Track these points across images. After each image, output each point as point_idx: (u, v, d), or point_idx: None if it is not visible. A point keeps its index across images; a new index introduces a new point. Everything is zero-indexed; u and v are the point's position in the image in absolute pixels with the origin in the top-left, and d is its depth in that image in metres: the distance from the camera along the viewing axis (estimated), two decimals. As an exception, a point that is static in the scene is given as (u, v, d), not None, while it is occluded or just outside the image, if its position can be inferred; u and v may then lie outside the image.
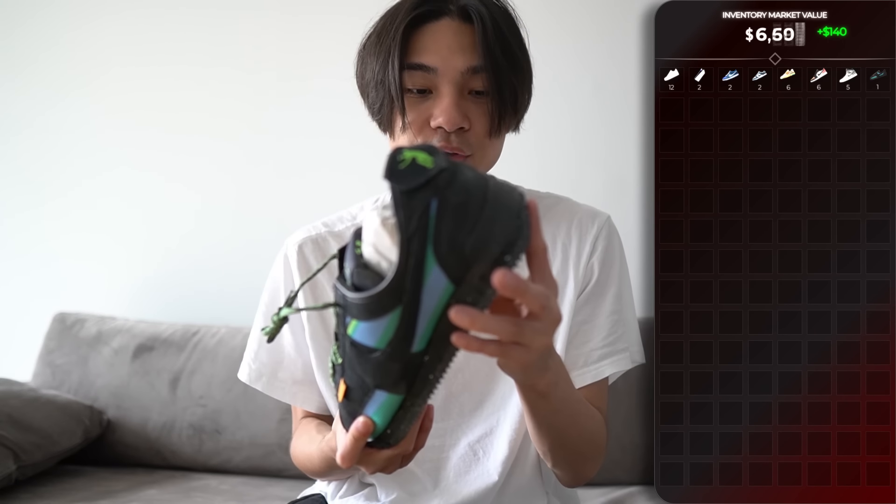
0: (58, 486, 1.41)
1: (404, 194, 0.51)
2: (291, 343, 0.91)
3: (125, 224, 1.88)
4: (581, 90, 1.68)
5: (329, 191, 1.76)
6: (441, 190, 0.51)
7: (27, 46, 1.92)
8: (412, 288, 0.52)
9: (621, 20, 1.55)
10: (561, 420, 0.75)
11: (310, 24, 1.80)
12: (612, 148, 1.68)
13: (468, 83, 0.79)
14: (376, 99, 0.81)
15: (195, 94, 1.85)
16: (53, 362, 1.67)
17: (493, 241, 0.51)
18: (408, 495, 0.88)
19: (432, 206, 0.50)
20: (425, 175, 0.50)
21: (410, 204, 0.51)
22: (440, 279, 0.51)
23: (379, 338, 0.54)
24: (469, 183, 0.52)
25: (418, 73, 0.78)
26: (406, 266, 0.51)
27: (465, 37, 0.78)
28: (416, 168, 0.51)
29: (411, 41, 0.79)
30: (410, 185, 0.50)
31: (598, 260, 0.88)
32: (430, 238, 0.51)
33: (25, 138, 1.93)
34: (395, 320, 0.53)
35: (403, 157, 0.51)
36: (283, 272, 0.92)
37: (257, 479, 1.50)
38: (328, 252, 0.90)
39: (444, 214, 0.51)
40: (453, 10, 0.80)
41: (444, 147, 0.78)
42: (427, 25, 0.79)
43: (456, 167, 0.52)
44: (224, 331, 1.64)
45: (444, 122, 0.77)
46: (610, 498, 1.32)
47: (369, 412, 0.59)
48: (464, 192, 0.51)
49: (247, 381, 0.93)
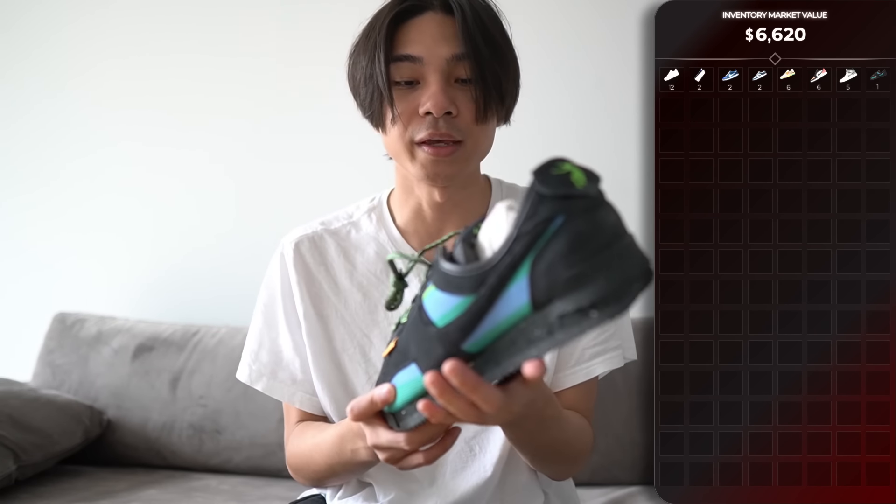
0: (58, 486, 1.41)
1: (538, 195, 0.49)
2: (290, 343, 0.91)
3: (125, 224, 1.88)
4: (581, 89, 1.68)
5: (329, 192, 1.76)
6: (574, 212, 0.48)
7: (23, 41, 1.92)
8: (493, 285, 0.50)
9: (621, 20, 1.55)
10: (537, 440, 0.78)
11: (310, 21, 1.80)
12: (612, 148, 1.67)
13: (453, 71, 0.81)
14: (366, 95, 0.83)
15: (196, 94, 1.85)
16: (53, 362, 1.67)
17: (590, 288, 0.48)
18: (405, 494, 0.88)
19: (556, 221, 0.48)
20: (568, 190, 0.49)
21: (538, 207, 0.49)
22: (521, 294, 0.50)
23: (442, 315, 0.53)
24: (604, 222, 0.49)
25: (405, 64, 0.81)
26: (499, 262, 0.50)
27: (448, 27, 0.81)
28: (565, 180, 0.49)
29: (396, 36, 0.81)
30: (549, 190, 0.49)
31: None
32: (535, 248, 0.49)
33: (24, 137, 1.93)
34: (462, 306, 0.52)
35: (561, 166, 0.50)
36: (280, 271, 0.92)
37: (257, 479, 1.51)
38: (324, 250, 0.91)
39: (561, 234, 0.48)
40: (435, 4, 0.83)
41: (432, 134, 0.80)
42: (411, 20, 0.82)
43: (602, 203, 0.50)
44: (224, 331, 1.64)
45: (432, 105, 0.79)
46: (610, 498, 1.32)
47: (397, 382, 0.59)
48: (593, 227, 0.49)
49: (247, 381, 0.93)
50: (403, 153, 0.83)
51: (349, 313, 0.89)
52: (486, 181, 0.93)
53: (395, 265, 0.64)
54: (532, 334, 0.50)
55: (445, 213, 0.88)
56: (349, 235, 0.92)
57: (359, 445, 0.75)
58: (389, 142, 0.84)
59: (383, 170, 1.29)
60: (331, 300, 0.90)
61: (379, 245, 0.90)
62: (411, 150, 0.82)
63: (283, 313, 0.91)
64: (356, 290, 0.89)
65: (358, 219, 0.93)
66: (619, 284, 0.48)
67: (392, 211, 0.92)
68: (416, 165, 0.82)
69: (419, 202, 0.89)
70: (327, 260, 0.91)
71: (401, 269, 0.64)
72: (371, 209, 0.93)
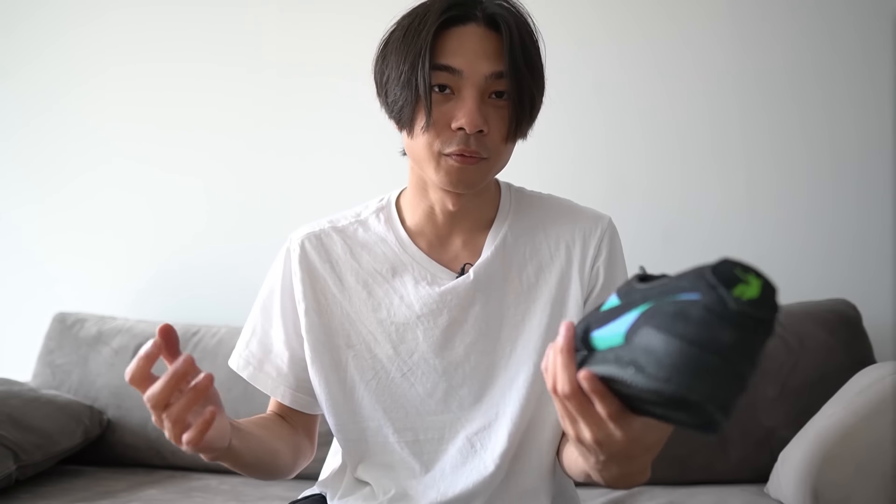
0: (58, 486, 1.41)
1: (702, 271, 0.49)
2: (282, 336, 0.92)
3: (126, 224, 1.88)
4: (582, 90, 1.68)
5: (330, 192, 1.77)
6: (712, 306, 0.47)
7: (25, 42, 1.93)
8: (625, 304, 0.54)
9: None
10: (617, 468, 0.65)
11: (311, 20, 1.80)
12: (612, 148, 1.68)
13: (490, 87, 0.81)
14: (398, 97, 0.82)
15: (195, 94, 1.85)
16: (53, 362, 1.67)
17: (670, 368, 0.48)
18: (404, 491, 0.89)
19: (692, 294, 0.49)
20: (722, 290, 0.47)
21: (694, 277, 0.49)
22: (625, 325, 0.53)
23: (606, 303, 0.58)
24: (732, 338, 0.47)
25: (443, 73, 0.80)
26: (639, 291, 0.54)
27: (491, 43, 0.81)
28: (731, 278, 0.48)
29: (438, 43, 0.80)
30: (711, 275, 0.48)
31: (603, 264, 0.90)
32: (657, 300, 0.51)
33: (23, 136, 1.93)
34: (612, 303, 0.57)
35: (744, 274, 0.48)
36: (283, 266, 0.93)
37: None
38: (330, 247, 0.92)
39: (689, 307, 0.48)
40: (480, 17, 0.82)
41: (462, 150, 0.80)
42: (454, 29, 0.81)
43: (746, 325, 0.47)
44: (224, 331, 1.64)
45: (466, 123, 0.79)
46: (610, 498, 1.32)
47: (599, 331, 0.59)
48: (719, 330, 0.47)
49: (235, 368, 0.95)
50: (428, 160, 0.83)
51: (354, 310, 0.90)
52: (496, 186, 0.94)
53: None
54: (610, 357, 0.53)
55: (456, 219, 0.90)
56: (356, 234, 0.93)
57: None
58: (415, 146, 0.84)
59: (387, 171, 1.29)
60: (336, 296, 0.90)
61: (387, 245, 0.91)
62: (437, 159, 0.82)
63: (279, 307, 0.93)
64: (361, 287, 0.90)
65: (366, 218, 0.94)
66: (692, 388, 0.47)
67: (401, 212, 0.93)
68: (441, 173, 0.82)
69: (432, 206, 0.89)
70: (332, 257, 0.92)
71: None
72: (379, 209, 0.94)
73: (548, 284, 0.89)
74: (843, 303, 1.46)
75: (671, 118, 1.63)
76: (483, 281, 0.88)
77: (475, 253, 0.90)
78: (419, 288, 0.89)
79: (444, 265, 0.90)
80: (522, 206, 0.93)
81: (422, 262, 0.90)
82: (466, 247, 0.91)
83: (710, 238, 1.61)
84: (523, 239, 0.91)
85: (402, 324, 0.88)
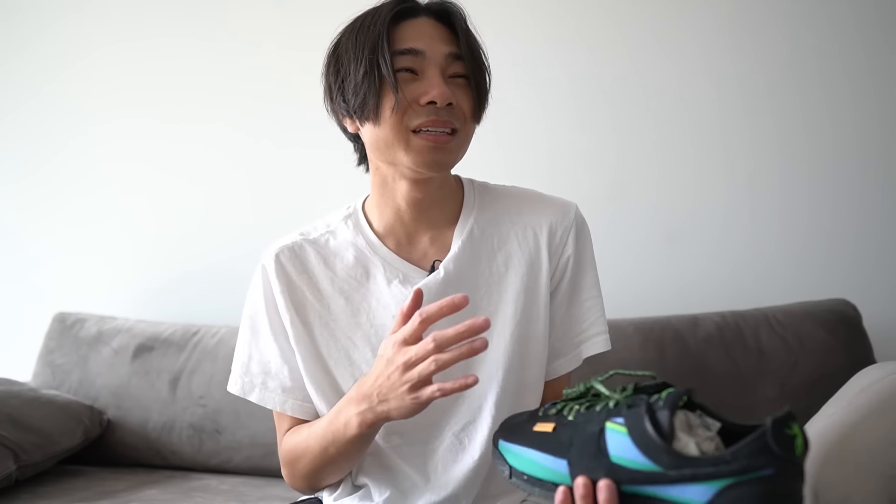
0: (58, 486, 1.41)
1: (766, 443, 0.57)
2: (277, 352, 0.93)
3: (126, 224, 1.88)
4: (587, 91, 1.68)
5: (331, 192, 1.76)
6: (783, 474, 0.57)
7: (23, 35, 1.93)
8: (686, 476, 0.58)
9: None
10: None
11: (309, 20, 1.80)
12: (616, 150, 1.68)
13: (448, 68, 0.85)
14: (360, 87, 0.84)
15: (198, 93, 1.85)
16: (53, 362, 1.67)
17: None
18: (400, 492, 0.90)
19: (766, 470, 0.57)
20: (790, 456, 0.57)
21: (761, 451, 0.57)
22: (701, 498, 0.58)
23: (622, 458, 0.61)
24: (795, 493, 0.59)
25: (406, 57, 0.84)
26: (701, 464, 0.58)
27: (442, 30, 0.87)
28: (791, 444, 0.57)
29: (393, 34, 0.85)
30: (776, 446, 0.57)
31: (572, 251, 0.92)
32: (737, 477, 0.57)
33: (24, 137, 1.93)
34: (646, 467, 0.60)
35: (793, 427, 0.58)
36: (262, 282, 0.94)
37: (257, 479, 1.50)
38: (305, 259, 0.93)
39: (764, 483, 0.57)
40: (430, 11, 0.88)
41: (434, 121, 0.83)
42: (406, 21, 0.86)
43: (801, 474, 0.58)
44: (224, 331, 1.64)
45: (437, 95, 0.82)
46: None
47: (533, 456, 0.68)
48: (788, 494, 0.58)
49: (239, 393, 0.95)
50: (398, 142, 0.84)
51: (332, 318, 0.91)
52: (457, 181, 0.95)
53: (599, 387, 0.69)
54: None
55: (422, 213, 0.91)
56: (328, 243, 0.94)
57: (351, 413, 0.79)
58: (382, 132, 0.84)
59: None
60: (314, 307, 0.91)
61: (357, 250, 0.92)
62: (406, 139, 0.83)
63: (268, 323, 0.93)
64: (338, 295, 0.91)
65: (335, 227, 0.95)
66: None
67: (368, 216, 0.94)
68: (412, 154, 0.84)
69: (397, 203, 0.90)
70: (308, 268, 0.92)
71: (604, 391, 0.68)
72: (347, 216, 0.95)
73: (518, 273, 0.90)
74: (843, 303, 1.46)
75: (676, 120, 1.63)
76: (454, 275, 0.89)
77: (444, 249, 0.91)
78: (392, 288, 0.90)
79: (413, 264, 0.91)
80: (487, 198, 0.95)
81: (392, 262, 0.91)
82: (434, 243, 0.91)
83: (714, 239, 1.61)
84: (490, 230, 0.92)
85: (381, 325, 0.90)
